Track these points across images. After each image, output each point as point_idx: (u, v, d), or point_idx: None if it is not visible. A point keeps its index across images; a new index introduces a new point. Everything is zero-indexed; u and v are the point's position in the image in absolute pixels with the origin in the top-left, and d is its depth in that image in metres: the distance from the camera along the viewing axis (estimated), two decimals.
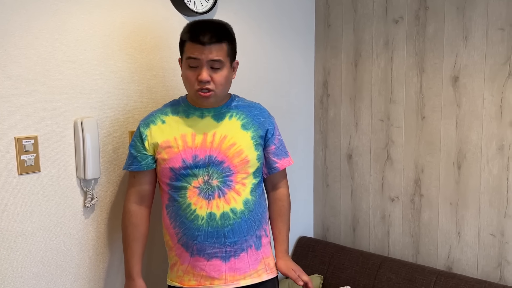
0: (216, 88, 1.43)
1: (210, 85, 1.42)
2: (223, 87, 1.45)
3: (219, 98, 1.48)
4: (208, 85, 1.42)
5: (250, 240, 1.50)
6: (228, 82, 1.47)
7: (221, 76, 1.42)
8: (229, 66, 1.44)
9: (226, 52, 1.42)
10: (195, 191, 1.46)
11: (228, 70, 1.44)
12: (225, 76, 1.43)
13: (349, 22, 2.29)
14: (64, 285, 1.53)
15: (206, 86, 1.41)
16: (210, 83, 1.42)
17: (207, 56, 1.39)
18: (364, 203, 2.32)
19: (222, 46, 1.40)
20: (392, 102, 2.18)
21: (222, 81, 1.43)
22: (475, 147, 1.96)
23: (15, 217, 1.40)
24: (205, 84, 1.41)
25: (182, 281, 1.51)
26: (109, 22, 1.58)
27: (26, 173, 1.41)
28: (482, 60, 1.91)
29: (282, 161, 1.58)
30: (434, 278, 1.96)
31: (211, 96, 1.44)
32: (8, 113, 1.37)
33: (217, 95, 1.45)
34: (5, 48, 1.35)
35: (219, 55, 1.40)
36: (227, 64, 1.43)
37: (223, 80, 1.43)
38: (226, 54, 1.42)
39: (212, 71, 1.41)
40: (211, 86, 1.42)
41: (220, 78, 1.42)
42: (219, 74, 1.42)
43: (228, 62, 1.43)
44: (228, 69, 1.44)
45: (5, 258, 1.39)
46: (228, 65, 1.43)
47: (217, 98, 1.47)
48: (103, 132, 1.59)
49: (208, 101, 1.46)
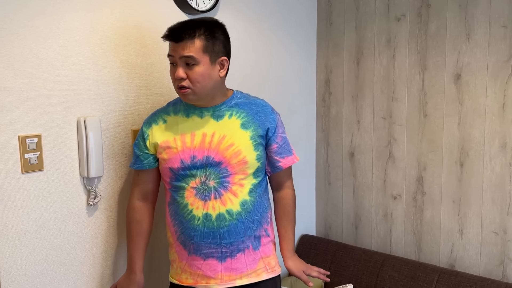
0: (193, 85, 1.39)
1: (185, 82, 1.40)
2: (201, 84, 1.40)
3: (203, 96, 1.43)
4: (183, 82, 1.40)
5: (248, 241, 1.49)
6: (208, 79, 1.41)
7: (196, 73, 1.38)
8: (207, 63, 1.39)
9: (201, 48, 1.37)
10: (192, 191, 1.46)
11: (206, 67, 1.39)
12: (200, 73, 1.38)
13: (351, 20, 2.28)
14: (67, 282, 1.54)
15: (182, 83, 1.40)
16: (186, 81, 1.40)
17: (179, 53, 1.38)
18: (366, 201, 2.32)
19: (194, 42, 1.36)
20: (394, 100, 2.18)
21: (198, 78, 1.38)
22: (478, 144, 1.95)
23: (19, 215, 1.41)
24: (180, 81, 1.40)
25: (180, 279, 1.53)
26: (111, 20, 1.58)
27: (29, 171, 1.41)
28: (484, 57, 1.91)
29: (285, 159, 1.55)
30: (437, 276, 1.96)
31: (188, 94, 1.41)
32: (11, 111, 1.37)
33: (196, 92, 1.41)
34: (8, 47, 1.35)
35: (191, 51, 1.36)
36: (204, 60, 1.38)
37: (198, 77, 1.38)
38: (200, 51, 1.37)
39: (188, 68, 1.39)
40: (185, 83, 1.40)
41: (195, 75, 1.38)
42: (193, 70, 1.38)
43: (206, 59, 1.38)
44: (206, 66, 1.39)
45: (9, 256, 1.40)
46: (205, 61, 1.38)
47: (197, 96, 1.42)
48: (106, 130, 1.60)
49: (187, 98, 1.43)
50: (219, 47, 1.41)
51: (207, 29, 1.39)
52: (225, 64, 1.45)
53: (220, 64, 1.43)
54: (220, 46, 1.42)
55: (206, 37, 1.38)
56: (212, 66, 1.41)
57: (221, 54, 1.43)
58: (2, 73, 1.34)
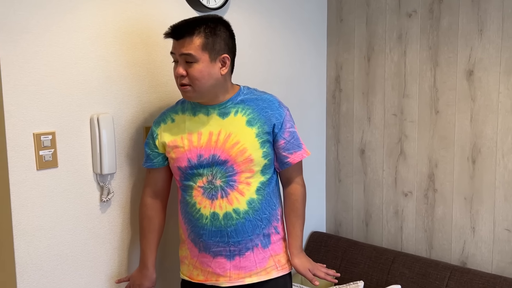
0: (192, 83, 1.40)
1: (185, 80, 1.41)
2: (200, 82, 1.40)
3: (203, 94, 1.43)
4: (182, 80, 1.41)
5: (256, 239, 1.49)
6: (208, 77, 1.40)
7: (195, 70, 1.39)
8: (207, 60, 1.39)
9: (200, 46, 1.38)
10: (199, 190, 1.47)
11: (205, 64, 1.39)
12: (199, 70, 1.39)
13: (361, 16, 2.27)
14: (81, 278, 1.56)
15: (182, 81, 1.41)
16: (185, 78, 1.41)
17: (179, 50, 1.39)
18: (377, 198, 2.32)
19: (193, 40, 1.37)
20: (405, 97, 2.17)
21: (197, 75, 1.39)
22: (490, 141, 1.94)
23: (34, 211, 1.43)
24: (181, 78, 1.41)
25: (192, 276, 1.54)
26: (123, 19, 1.59)
27: (44, 168, 1.44)
28: (497, 53, 1.89)
29: (294, 155, 1.52)
30: (449, 273, 1.95)
31: (188, 91, 1.42)
32: (26, 109, 1.39)
33: (196, 90, 1.41)
34: (23, 45, 1.37)
35: (190, 48, 1.37)
36: (203, 58, 1.39)
37: (198, 74, 1.39)
38: (199, 48, 1.38)
39: (188, 66, 1.40)
40: (185, 80, 1.41)
41: (194, 72, 1.39)
42: (192, 68, 1.39)
43: (206, 56, 1.39)
44: (206, 63, 1.39)
45: (25, 252, 1.42)
46: (205, 58, 1.39)
47: (197, 93, 1.42)
48: (119, 127, 1.61)
49: (187, 96, 1.44)
50: (220, 45, 1.41)
51: (208, 27, 1.39)
52: (226, 61, 1.44)
53: (222, 61, 1.43)
54: (221, 44, 1.41)
55: (206, 35, 1.39)
56: (212, 63, 1.41)
57: (222, 51, 1.42)
58: (17, 71, 1.36)
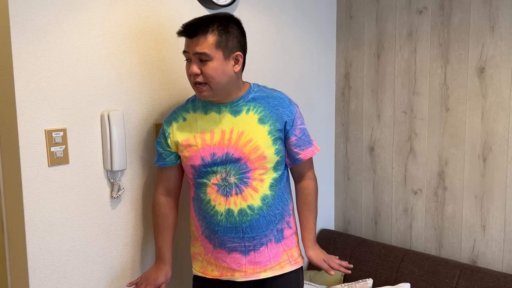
0: (207, 81, 1.40)
1: (200, 78, 1.41)
2: (215, 80, 1.41)
3: (218, 92, 1.44)
4: (197, 78, 1.41)
5: (270, 235, 1.51)
6: (222, 75, 1.41)
7: (210, 68, 1.39)
8: (221, 58, 1.40)
9: (214, 44, 1.38)
10: (214, 187, 1.48)
11: (219, 62, 1.40)
12: (214, 68, 1.39)
13: (371, 13, 2.26)
14: (92, 273, 1.57)
15: (196, 79, 1.41)
16: (200, 76, 1.41)
17: (193, 49, 1.39)
18: (386, 196, 2.31)
19: (207, 38, 1.37)
20: (415, 94, 2.15)
21: (212, 73, 1.39)
22: (502, 139, 1.92)
23: (46, 207, 1.45)
24: (195, 77, 1.41)
25: (206, 271, 1.55)
26: (133, 16, 1.60)
27: (55, 164, 1.45)
28: (509, 50, 1.87)
29: (305, 151, 1.55)
30: (459, 272, 1.94)
31: (204, 90, 1.42)
32: (38, 106, 1.40)
33: (211, 88, 1.42)
34: (35, 42, 1.38)
35: (203, 47, 1.37)
36: (217, 56, 1.39)
37: (213, 72, 1.39)
38: (213, 46, 1.38)
39: (202, 64, 1.40)
40: (200, 79, 1.41)
41: (209, 70, 1.39)
42: (207, 66, 1.39)
43: (220, 54, 1.39)
44: (220, 61, 1.40)
45: (37, 247, 1.44)
46: (219, 56, 1.39)
47: (213, 91, 1.43)
48: (129, 124, 1.62)
49: (203, 95, 1.44)
50: (233, 42, 1.42)
51: (221, 24, 1.39)
52: (239, 59, 1.45)
53: (235, 59, 1.43)
54: (234, 41, 1.42)
55: (219, 33, 1.39)
56: (226, 61, 1.41)
57: (235, 49, 1.43)
58: (29, 68, 1.38)
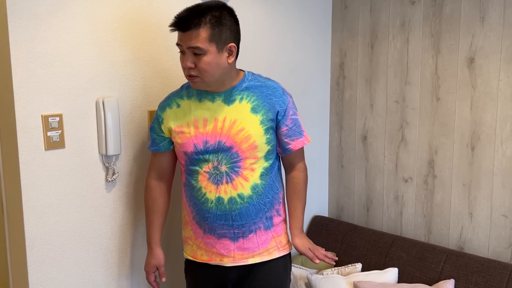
0: (201, 74, 1.41)
1: (194, 71, 1.41)
2: (209, 73, 1.41)
3: (212, 83, 1.45)
4: (191, 72, 1.42)
5: (259, 222, 1.55)
6: (216, 68, 1.42)
7: (204, 62, 1.39)
8: (214, 51, 1.40)
9: (207, 37, 1.37)
10: (205, 175, 1.51)
11: (213, 55, 1.40)
12: (207, 62, 1.39)
13: (366, 4, 2.29)
14: (87, 253, 1.64)
15: (190, 72, 1.42)
16: (194, 70, 1.41)
17: (186, 43, 1.39)
18: (378, 184, 2.35)
19: (200, 32, 1.37)
20: (407, 84, 2.19)
21: (205, 67, 1.40)
22: (489, 128, 1.96)
23: (43, 189, 1.51)
24: (189, 70, 1.42)
25: (195, 255, 1.60)
26: (128, 5, 1.64)
27: (52, 148, 1.51)
28: (498, 41, 1.90)
29: (295, 142, 1.56)
30: (445, 257, 1.99)
31: (197, 82, 1.44)
32: (35, 92, 1.46)
33: (205, 81, 1.43)
34: (32, 31, 1.43)
35: (196, 42, 1.37)
36: (211, 49, 1.39)
37: (206, 66, 1.40)
38: (206, 40, 1.38)
39: (195, 58, 1.40)
40: (194, 72, 1.41)
41: (203, 64, 1.40)
42: (201, 60, 1.39)
43: (213, 47, 1.39)
44: (214, 54, 1.40)
45: (34, 227, 1.51)
46: (212, 50, 1.39)
47: (206, 83, 1.44)
48: (123, 111, 1.67)
49: (196, 86, 1.46)
50: (226, 34, 1.41)
51: (213, 17, 1.39)
52: (233, 50, 1.45)
53: (228, 50, 1.43)
54: (227, 33, 1.42)
55: (212, 25, 1.38)
56: (220, 54, 1.41)
57: (229, 40, 1.42)
58: (26, 55, 1.43)
